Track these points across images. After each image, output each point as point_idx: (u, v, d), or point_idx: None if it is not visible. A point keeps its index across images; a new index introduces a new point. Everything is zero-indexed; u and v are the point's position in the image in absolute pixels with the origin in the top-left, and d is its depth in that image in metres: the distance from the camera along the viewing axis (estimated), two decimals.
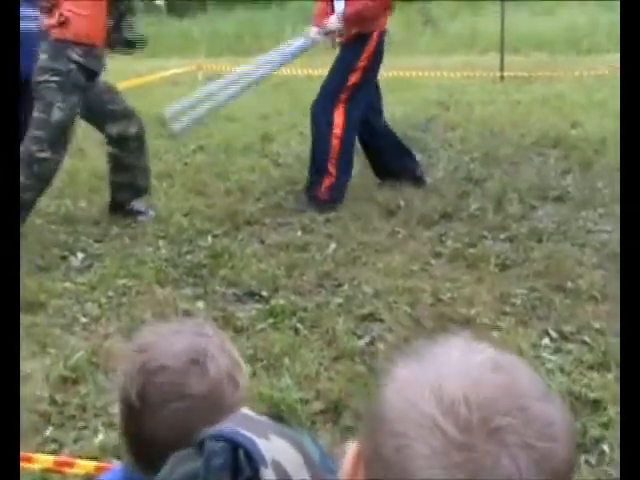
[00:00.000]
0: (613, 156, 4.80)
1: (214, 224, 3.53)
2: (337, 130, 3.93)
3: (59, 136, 3.26)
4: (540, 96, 7.39)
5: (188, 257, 3.11)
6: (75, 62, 3.21)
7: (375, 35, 4.01)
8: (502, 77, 9.00)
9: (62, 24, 3.18)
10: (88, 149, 5.40)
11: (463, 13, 14.79)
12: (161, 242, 3.27)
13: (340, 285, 2.90)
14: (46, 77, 3.20)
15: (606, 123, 5.74)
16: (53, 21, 3.20)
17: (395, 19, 6.13)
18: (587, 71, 8.90)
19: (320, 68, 10.32)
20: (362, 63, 3.98)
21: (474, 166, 4.63)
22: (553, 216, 3.64)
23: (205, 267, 3.01)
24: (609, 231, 3.43)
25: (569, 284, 2.86)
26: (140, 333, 0.91)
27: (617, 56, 11.36)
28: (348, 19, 3.86)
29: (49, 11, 3.22)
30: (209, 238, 3.32)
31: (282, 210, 3.85)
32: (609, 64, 8.91)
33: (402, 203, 3.87)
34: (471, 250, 3.22)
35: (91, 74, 3.32)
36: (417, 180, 4.20)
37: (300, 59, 13.54)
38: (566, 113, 6.28)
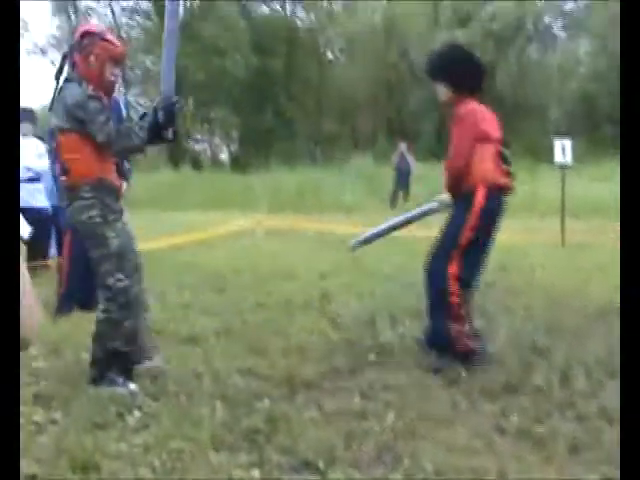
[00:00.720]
0: None
1: (272, 386, 3.50)
2: (453, 287, 3.92)
3: (125, 261, 3.47)
4: (602, 263, 7.34)
5: (244, 421, 3.05)
6: (87, 199, 3.44)
7: (481, 190, 3.94)
8: (563, 242, 9.03)
9: (64, 172, 3.47)
10: (150, 301, 5.53)
11: (522, 177, 15.14)
12: (218, 403, 3.23)
13: (400, 460, 2.78)
14: (82, 217, 3.44)
15: None
16: (58, 171, 3.53)
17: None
18: None
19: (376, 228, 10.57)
20: (472, 220, 3.94)
21: (537, 335, 4.54)
22: None
23: (261, 433, 2.94)
24: None
25: None
26: None
27: None
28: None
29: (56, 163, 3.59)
30: (266, 401, 3.28)
31: (340, 374, 3.80)
32: None
33: (463, 372, 3.78)
34: (537, 428, 3.08)
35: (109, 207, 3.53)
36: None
37: (358, 218, 13.99)
38: None
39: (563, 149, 9.08)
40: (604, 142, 27.21)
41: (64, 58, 3.61)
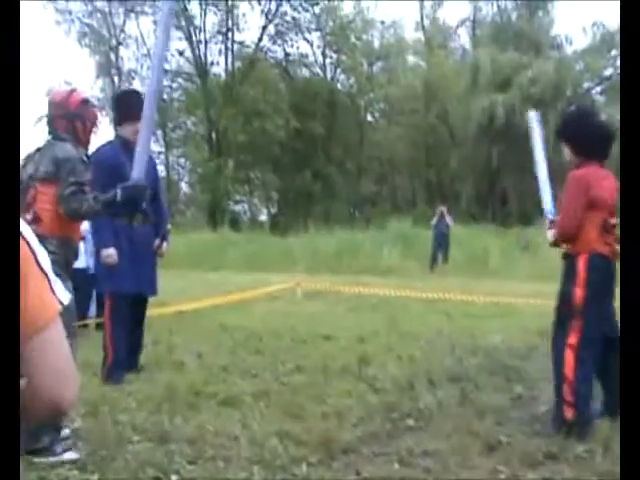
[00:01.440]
0: None
1: (309, 451, 3.49)
2: (569, 357, 3.89)
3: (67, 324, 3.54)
4: None
5: None
6: (52, 252, 3.44)
7: (582, 258, 3.96)
8: None
9: (35, 221, 3.54)
10: (188, 362, 5.60)
11: None
12: (255, 467, 3.23)
13: None
14: None
15: None
16: (29, 219, 3.57)
17: (494, 244, 6.32)
18: None
19: (417, 290, 10.56)
20: (578, 288, 3.94)
21: None
22: None
23: None
24: None
25: None
26: None
27: None
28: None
29: (27, 211, 3.60)
30: (304, 466, 3.27)
31: (379, 439, 3.77)
32: None
33: (504, 439, 3.73)
34: None
35: (68, 263, 3.67)
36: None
37: (396, 280, 13.90)
38: None
39: None
40: None
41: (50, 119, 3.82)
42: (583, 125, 4.24)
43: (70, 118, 3.77)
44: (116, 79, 34.89)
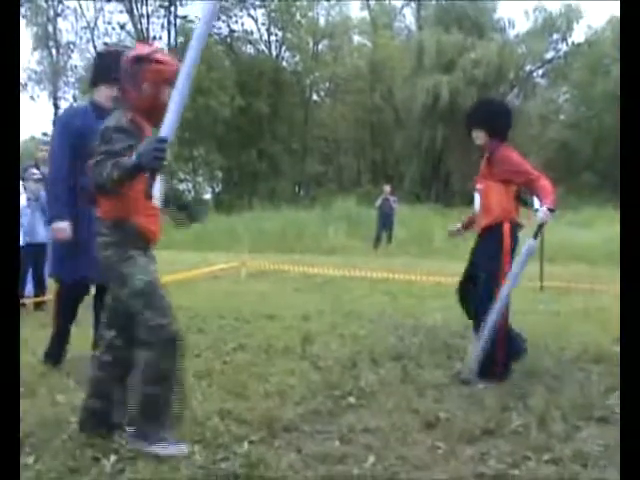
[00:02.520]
0: None
1: (251, 429, 3.49)
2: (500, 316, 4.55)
3: (154, 299, 3.23)
4: (580, 308, 7.44)
5: (223, 465, 3.04)
6: (109, 235, 3.22)
7: (506, 227, 4.61)
8: (542, 287, 9.13)
9: (93, 202, 3.30)
10: None
11: None
12: (196, 447, 3.22)
13: None
14: (104, 253, 3.22)
15: None
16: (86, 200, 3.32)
17: (437, 224, 6.44)
18: None
19: (362, 270, 10.64)
20: (505, 254, 4.56)
21: (516, 378, 4.58)
22: (598, 438, 3.51)
23: (240, 477, 2.93)
24: None
25: None
26: None
27: None
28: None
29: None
30: (245, 445, 3.27)
31: (320, 417, 3.80)
32: None
33: (443, 415, 3.80)
34: (515, 472, 3.10)
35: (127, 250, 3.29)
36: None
37: (341, 260, 14.04)
38: (607, 327, 6.27)
39: None
40: (583, 189, 27.71)
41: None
42: (497, 111, 4.87)
43: (123, 79, 3.31)
44: (54, 52, 33.87)
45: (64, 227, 4.40)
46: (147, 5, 31.92)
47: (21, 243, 6.79)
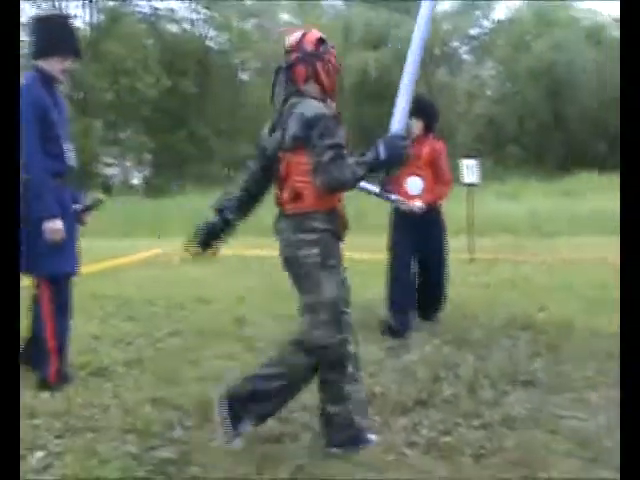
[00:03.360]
0: (580, 340, 4.90)
1: (185, 415, 3.47)
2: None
3: (336, 314, 3.05)
4: (508, 279, 7.64)
5: (156, 453, 3.01)
6: (321, 230, 3.03)
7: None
8: (472, 259, 9.32)
9: (295, 198, 3.04)
10: None
11: None
12: (128, 436, 3.17)
13: None
14: (300, 253, 3.03)
15: (572, 306, 5.92)
16: (286, 197, 3.06)
17: (373, 201, 6.56)
18: (551, 254, 9.26)
19: None
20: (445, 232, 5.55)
21: (447, 349, 4.69)
22: (524, 402, 3.64)
23: (174, 464, 2.91)
24: (580, 418, 3.43)
25: (542, 474, 2.82)
26: None
27: (578, 239, 11.88)
28: (428, 203, 5.24)
29: (281, 188, 3.10)
30: (179, 430, 3.24)
31: None
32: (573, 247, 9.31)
33: (378, 389, 3.86)
34: (446, 439, 3.18)
35: (340, 238, 3.17)
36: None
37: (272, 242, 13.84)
38: (533, 296, 6.47)
39: (470, 169, 9.39)
40: (509, 161, 28.45)
41: (279, 71, 3.20)
42: (433, 106, 5.54)
43: (310, 62, 3.10)
44: None
45: (59, 227, 3.83)
46: None
47: None
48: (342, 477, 2.84)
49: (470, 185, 9.55)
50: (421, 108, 5.21)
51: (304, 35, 3.17)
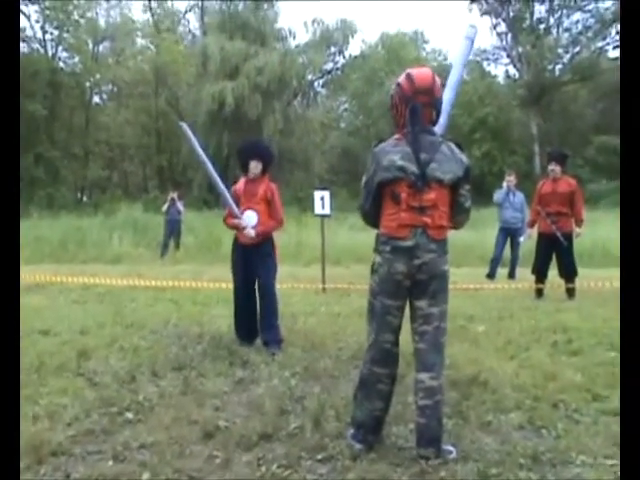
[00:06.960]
0: None
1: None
2: None
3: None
4: (358, 307, 7.81)
5: None
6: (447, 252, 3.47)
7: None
8: (324, 289, 9.48)
9: (441, 227, 3.40)
10: None
11: (288, 226, 15.75)
12: None
13: None
14: (445, 268, 3.43)
15: None
16: (428, 222, 3.35)
17: (225, 230, 6.65)
18: None
19: (146, 279, 10.36)
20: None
21: (295, 381, 4.70)
22: None
23: None
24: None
25: None
26: None
27: None
28: (259, 235, 5.86)
29: (424, 213, 3.38)
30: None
31: (94, 436, 3.63)
32: None
33: (222, 424, 3.80)
34: (288, 472, 3.18)
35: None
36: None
37: (126, 269, 13.47)
38: None
39: (322, 200, 9.58)
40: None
41: (415, 111, 3.33)
42: (270, 150, 6.36)
43: (436, 107, 3.41)
44: None
45: None
46: None
47: None
48: None
49: (322, 216, 9.74)
50: (259, 152, 6.03)
51: (434, 78, 3.38)
